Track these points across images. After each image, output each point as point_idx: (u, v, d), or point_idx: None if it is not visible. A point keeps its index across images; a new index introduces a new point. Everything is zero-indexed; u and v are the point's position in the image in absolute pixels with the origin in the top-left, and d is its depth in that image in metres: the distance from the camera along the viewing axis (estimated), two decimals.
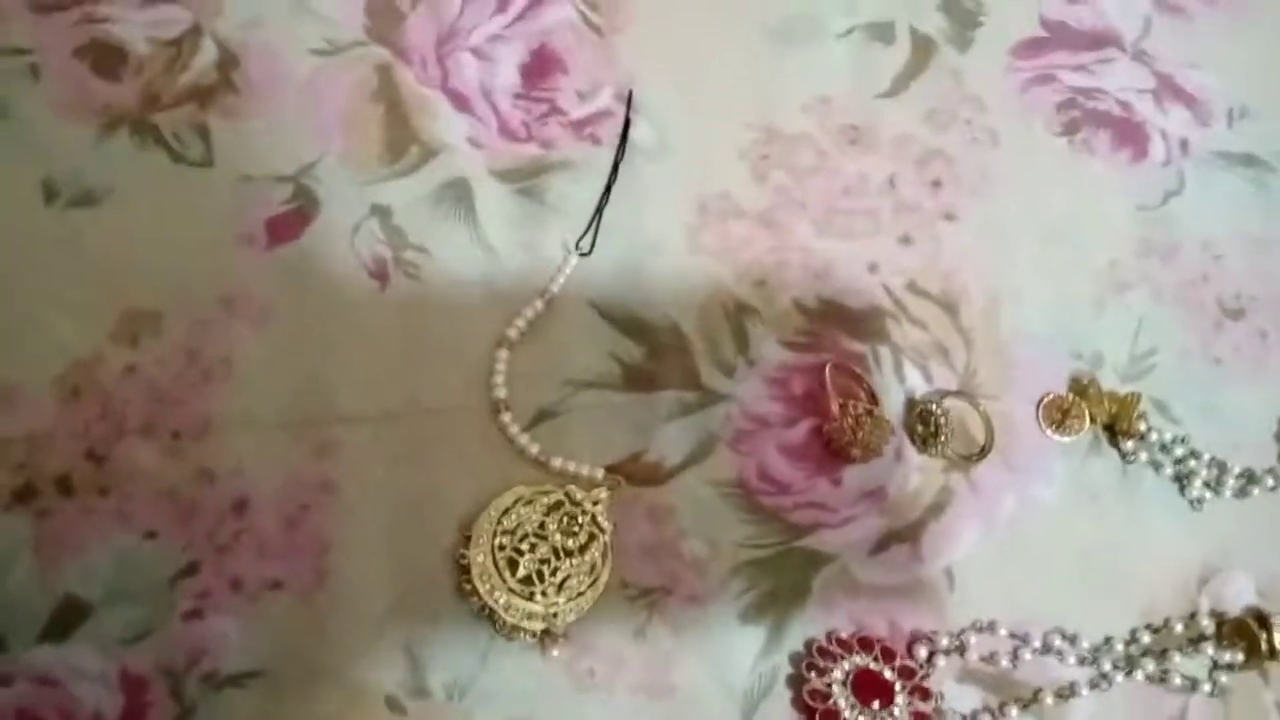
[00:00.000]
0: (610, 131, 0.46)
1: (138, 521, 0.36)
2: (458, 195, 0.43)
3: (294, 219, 0.42)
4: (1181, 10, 0.54)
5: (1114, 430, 0.43)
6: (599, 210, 0.44)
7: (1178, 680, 0.39)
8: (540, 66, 0.46)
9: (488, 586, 0.36)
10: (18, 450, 0.37)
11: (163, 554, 0.36)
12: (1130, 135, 0.50)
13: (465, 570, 0.37)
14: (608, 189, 0.44)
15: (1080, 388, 0.43)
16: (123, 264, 0.40)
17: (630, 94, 0.46)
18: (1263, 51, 0.54)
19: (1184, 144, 0.50)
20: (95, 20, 0.44)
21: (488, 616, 0.37)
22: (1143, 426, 0.43)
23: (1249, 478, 0.43)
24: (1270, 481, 0.43)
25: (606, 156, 0.45)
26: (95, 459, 0.37)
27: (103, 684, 0.34)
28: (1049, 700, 0.38)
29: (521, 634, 0.36)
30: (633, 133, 0.46)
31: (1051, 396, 0.43)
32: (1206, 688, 0.39)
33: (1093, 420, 0.43)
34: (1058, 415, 0.43)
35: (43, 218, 0.40)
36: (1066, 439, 0.43)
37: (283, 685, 0.35)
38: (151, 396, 0.38)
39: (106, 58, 0.43)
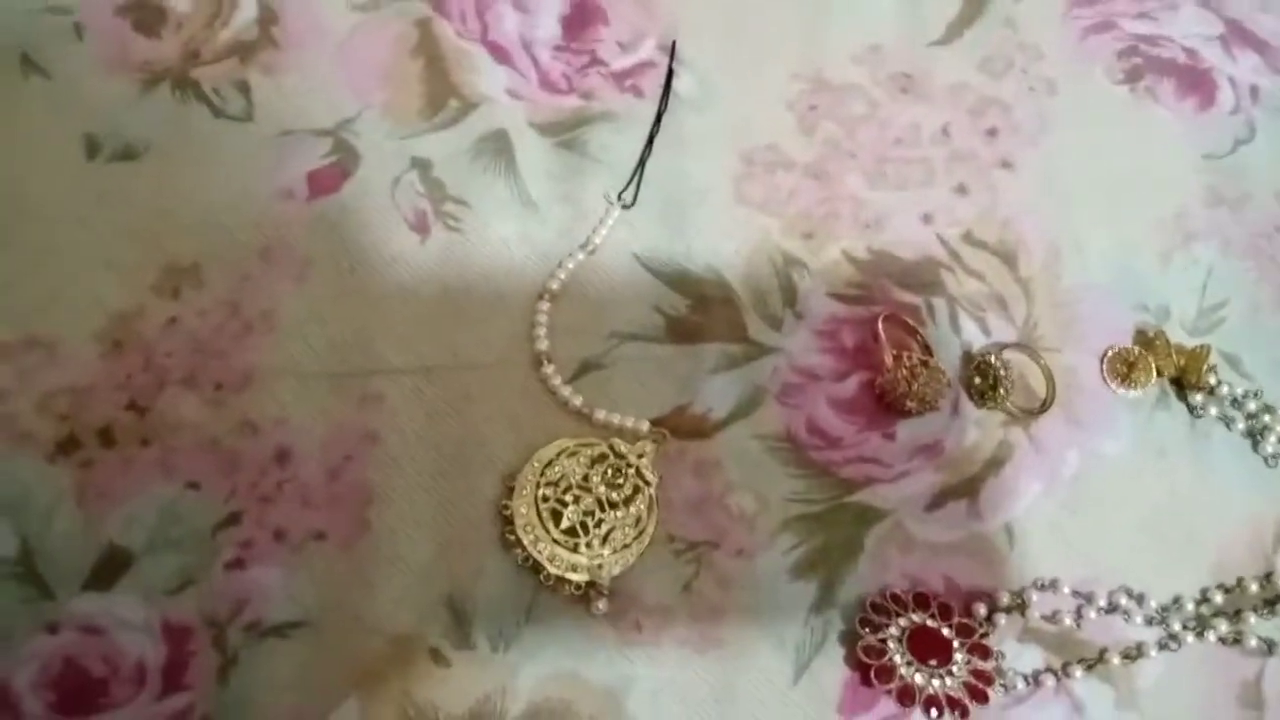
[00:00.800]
0: (653, 83, 0.45)
1: (180, 472, 0.36)
2: (498, 148, 0.43)
3: (334, 172, 0.41)
4: None
5: (1182, 384, 0.41)
6: (641, 162, 0.43)
7: (1253, 642, 0.37)
8: (581, 18, 0.46)
9: (531, 538, 0.36)
10: (60, 402, 0.37)
11: (205, 504, 0.36)
12: (1196, 83, 0.48)
13: (509, 521, 0.36)
14: (650, 140, 0.43)
15: (1146, 340, 0.42)
16: (164, 218, 0.40)
17: (674, 44, 0.45)
18: None
19: (1254, 91, 0.48)
20: None
21: (531, 568, 0.36)
22: (1212, 380, 0.41)
23: None
24: None
25: (649, 108, 0.44)
26: (137, 410, 0.37)
27: (146, 633, 0.34)
28: (1115, 660, 0.36)
29: (566, 586, 0.36)
30: (676, 84, 0.45)
31: (1116, 349, 0.41)
32: None
33: (1159, 374, 0.41)
34: (1123, 368, 0.41)
35: (84, 172, 0.40)
36: (1132, 393, 0.41)
37: (326, 635, 0.35)
38: (193, 348, 0.38)
39: (148, 15, 0.44)
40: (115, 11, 0.43)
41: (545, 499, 0.36)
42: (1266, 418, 0.41)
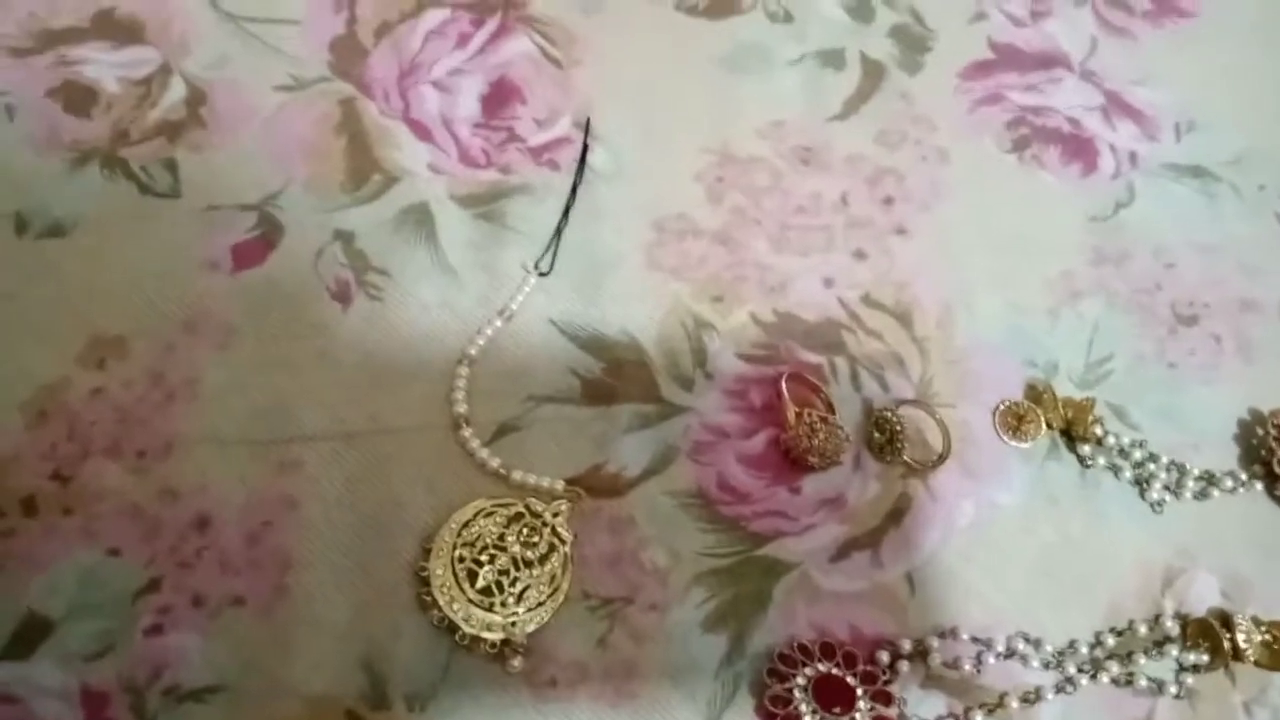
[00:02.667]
0: (568, 157, 0.47)
1: (101, 539, 0.37)
2: (419, 219, 0.44)
3: (259, 245, 0.43)
4: (1127, 31, 0.56)
5: (1071, 435, 0.43)
6: (558, 231, 0.45)
7: (1144, 682, 0.39)
8: (500, 97, 0.48)
9: (447, 598, 0.37)
10: None
11: (125, 570, 0.36)
12: (1080, 150, 0.51)
13: (425, 582, 0.37)
14: (566, 210, 0.45)
15: (1035, 394, 0.44)
16: (90, 291, 0.41)
17: (588, 121, 0.48)
18: (1207, 68, 0.55)
19: (1133, 157, 0.52)
20: (68, 63, 0.46)
21: (447, 628, 0.37)
22: (1099, 431, 0.43)
23: (1209, 479, 0.43)
24: (1229, 483, 0.43)
25: (565, 181, 0.46)
26: (61, 479, 0.38)
27: (64, 700, 0.34)
28: (1014, 704, 0.38)
29: (482, 645, 0.36)
30: (590, 158, 0.47)
31: (1007, 403, 0.44)
32: (1173, 690, 0.39)
33: (1049, 426, 0.43)
34: (1013, 421, 0.43)
35: (13, 249, 0.41)
36: (1023, 445, 0.43)
37: (244, 699, 0.35)
38: (117, 418, 0.39)
39: (78, 97, 0.45)
40: (46, 93, 0.45)
41: (461, 559, 0.37)
42: (1151, 466, 0.43)
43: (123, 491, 0.38)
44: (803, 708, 0.36)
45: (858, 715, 0.36)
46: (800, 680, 0.37)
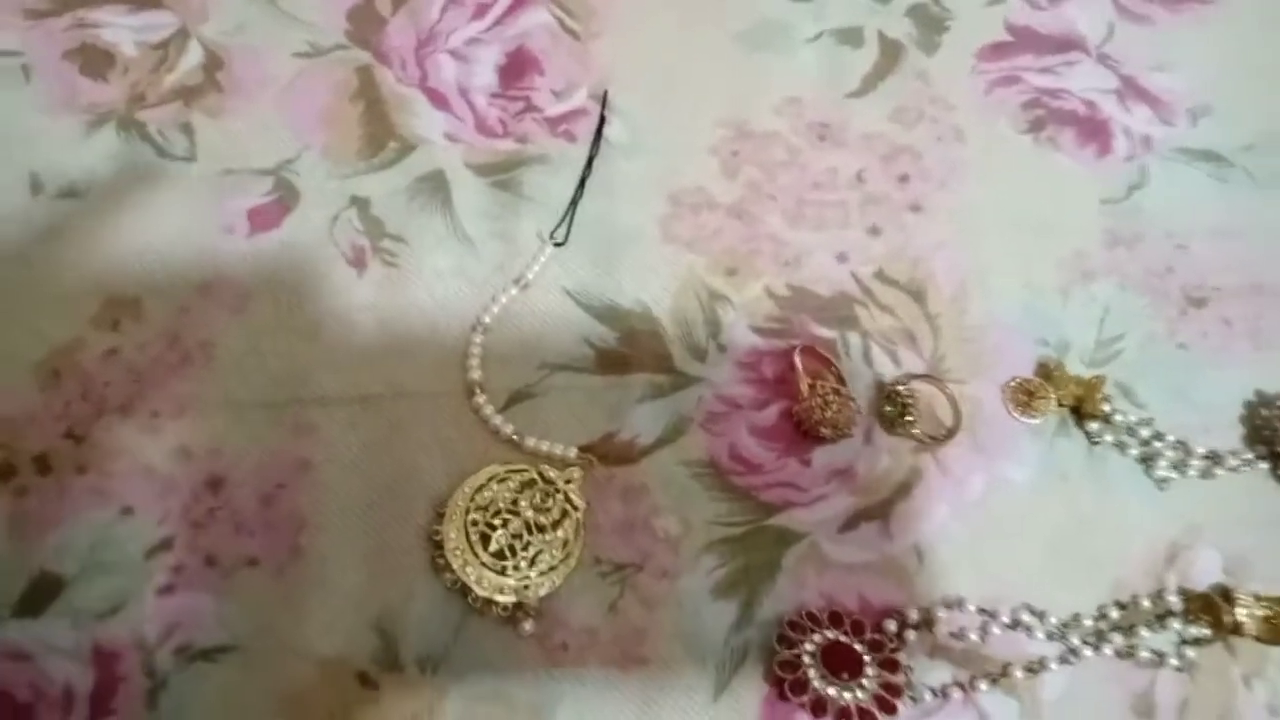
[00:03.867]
0: (585, 129, 0.47)
1: (114, 498, 0.37)
2: (435, 187, 0.45)
3: (274, 209, 0.43)
4: (1144, 16, 0.56)
5: (1080, 413, 0.44)
6: (574, 202, 0.45)
7: (1145, 655, 0.39)
8: (517, 67, 0.48)
9: (460, 561, 0.37)
10: None
11: (138, 529, 0.37)
12: (1094, 132, 0.51)
13: (438, 546, 0.37)
14: (582, 182, 0.46)
15: (1046, 371, 0.44)
16: (105, 253, 0.41)
17: (605, 93, 0.48)
18: (1223, 54, 0.55)
19: (1147, 140, 0.52)
20: (85, 25, 0.46)
21: (460, 591, 0.37)
22: (1107, 409, 0.43)
23: (1214, 459, 0.44)
24: (1234, 462, 0.44)
25: (581, 152, 0.47)
26: (74, 438, 0.38)
27: (75, 658, 0.35)
28: (1018, 674, 0.38)
29: (494, 608, 0.37)
30: (607, 130, 0.47)
31: (1018, 380, 0.44)
32: (1174, 662, 0.39)
33: (1059, 403, 0.43)
34: (1023, 397, 0.43)
35: (28, 208, 0.41)
36: (1033, 421, 0.43)
37: (255, 659, 0.36)
38: (131, 378, 0.39)
39: (95, 60, 0.45)
40: (63, 55, 0.45)
41: (475, 523, 0.38)
42: (1158, 444, 0.43)
43: (136, 451, 0.38)
44: (811, 673, 0.36)
45: (865, 682, 0.37)
46: (809, 647, 0.37)
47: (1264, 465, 0.44)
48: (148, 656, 0.35)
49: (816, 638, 0.37)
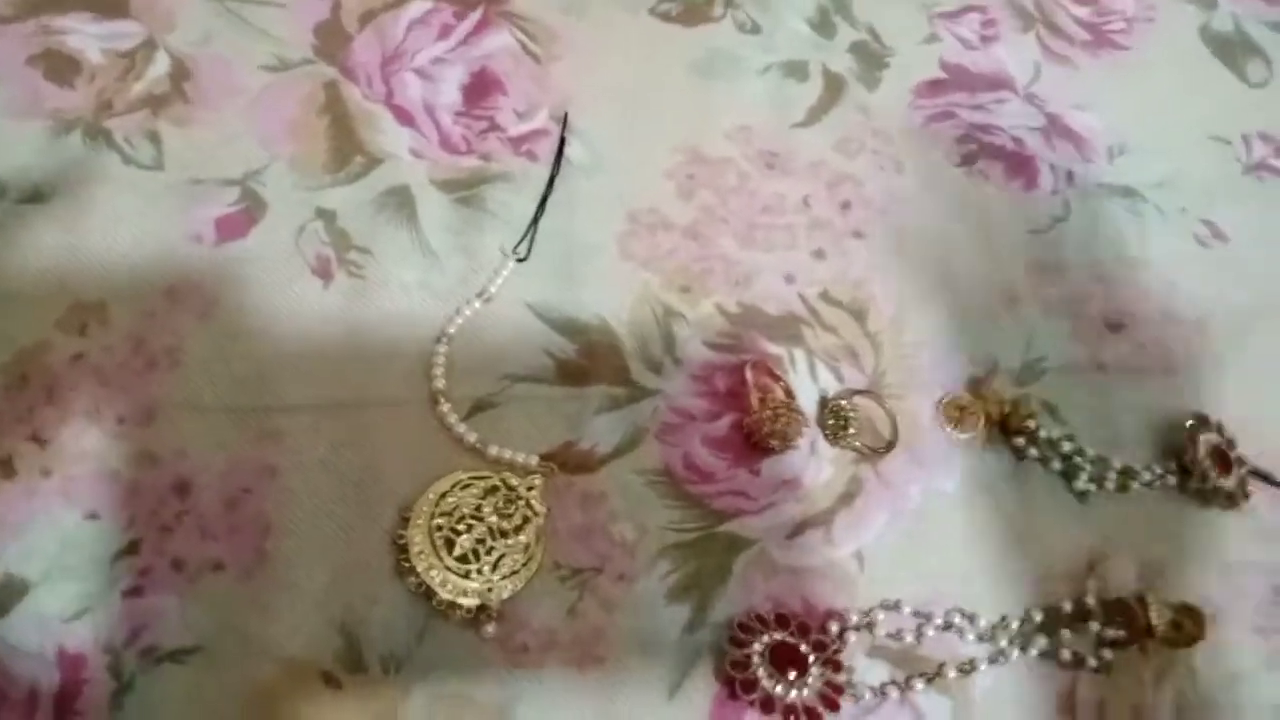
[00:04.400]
0: (546, 149, 0.49)
1: (80, 502, 0.37)
2: (400, 202, 0.46)
3: (241, 219, 0.44)
4: (1068, 60, 0.60)
5: (1006, 428, 0.47)
6: (535, 219, 0.47)
7: (1067, 655, 0.42)
8: (480, 87, 0.50)
9: (425, 564, 0.38)
10: None
11: (104, 533, 0.37)
12: (1022, 167, 0.55)
13: (403, 550, 0.38)
14: (544, 199, 0.47)
15: (976, 389, 0.47)
16: (72, 257, 0.41)
17: (565, 115, 0.50)
18: (1139, 97, 0.59)
19: (1070, 175, 0.55)
20: (50, 31, 0.46)
21: (424, 594, 0.38)
22: (1032, 425, 0.46)
23: (1129, 474, 0.47)
24: (1147, 477, 0.47)
25: (542, 171, 0.48)
26: (39, 441, 0.38)
27: (40, 661, 0.35)
28: (951, 674, 0.41)
29: (457, 611, 0.38)
30: (567, 151, 0.49)
31: (950, 396, 0.47)
32: (1093, 663, 0.42)
33: (987, 419, 0.46)
34: (955, 413, 0.46)
35: None
36: (964, 435, 0.46)
37: (221, 660, 0.36)
38: (98, 382, 0.39)
39: (60, 66, 0.45)
40: (27, 60, 0.45)
41: (439, 528, 0.39)
42: (1078, 459, 0.47)
43: (102, 455, 0.38)
44: (760, 672, 0.38)
45: (810, 680, 0.39)
46: (758, 647, 0.39)
47: (1173, 481, 0.47)
48: (114, 658, 0.35)
49: (765, 638, 0.39)
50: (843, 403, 0.45)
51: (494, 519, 0.39)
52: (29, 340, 0.39)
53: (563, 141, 0.49)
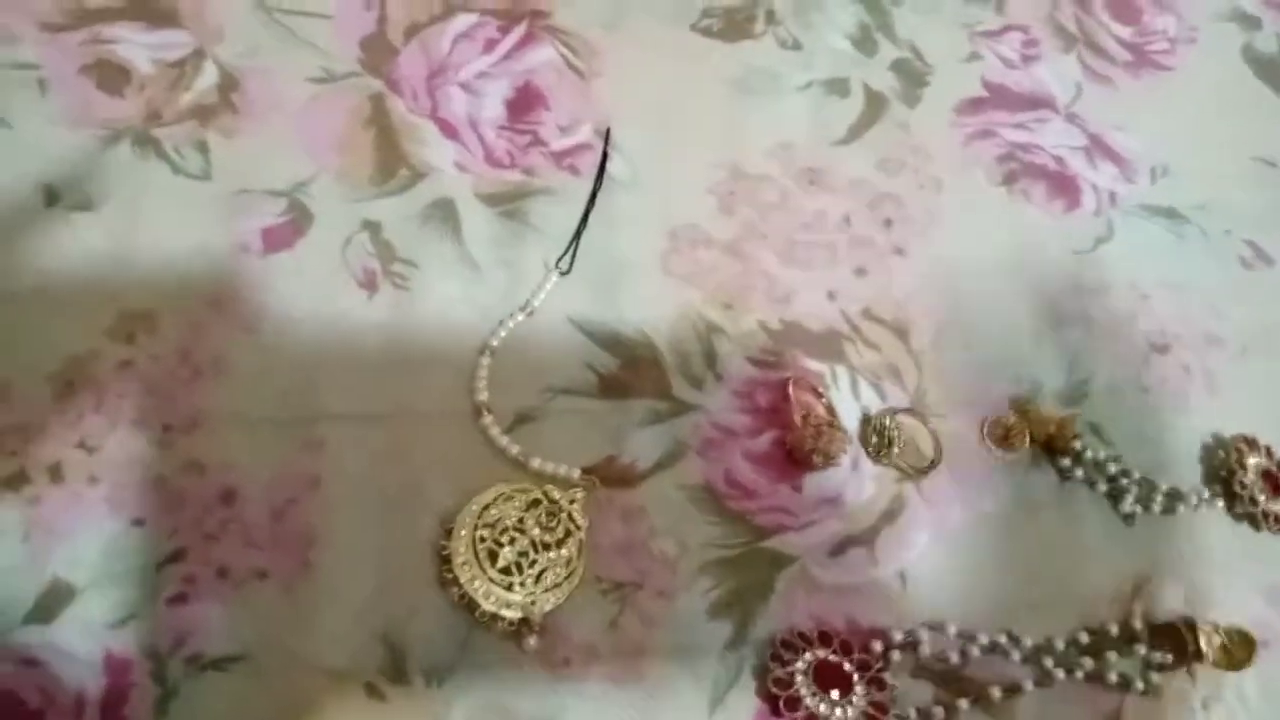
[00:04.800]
0: (588, 163, 0.49)
1: (126, 509, 0.38)
2: (444, 215, 0.46)
3: (288, 230, 0.44)
4: (1109, 80, 0.60)
5: (1052, 449, 0.46)
6: (577, 233, 0.47)
7: (1114, 678, 0.42)
8: (524, 102, 0.50)
9: (468, 576, 0.38)
10: (11, 439, 0.38)
11: (150, 540, 0.37)
12: (1064, 187, 0.55)
13: (446, 561, 0.38)
14: (586, 214, 0.47)
15: (1021, 409, 0.47)
16: (120, 266, 0.42)
17: (608, 131, 0.50)
18: (1180, 120, 0.59)
19: (1113, 196, 0.55)
20: (102, 41, 0.47)
21: (466, 605, 0.38)
22: (1078, 446, 0.46)
23: (1175, 496, 0.46)
24: (1194, 499, 0.46)
25: (585, 185, 0.48)
26: (87, 449, 0.38)
27: (87, 666, 0.35)
28: (996, 695, 0.40)
29: (500, 623, 0.38)
30: (609, 166, 0.49)
31: (995, 417, 0.46)
32: (1140, 686, 0.42)
33: (1033, 440, 0.46)
34: (1000, 433, 0.46)
35: (43, 219, 0.42)
36: (1008, 456, 0.46)
37: (265, 670, 0.36)
38: (145, 391, 0.40)
39: (111, 75, 0.46)
40: (79, 70, 0.45)
41: (482, 540, 0.39)
42: (1124, 480, 0.46)
43: (148, 463, 0.38)
44: (804, 690, 0.38)
45: (854, 699, 0.38)
46: (800, 665, 0.39)
47: (1220, 504, 0.47)
48: (158, 665, 0.35)
49: (808, 656, 0.39)
50: (886, 421, 0.44)
51: (536, 532, 0.39)
52: (78, 348, 0.40)
53: (605, 156, 0.49)
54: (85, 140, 0.44)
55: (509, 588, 0.38)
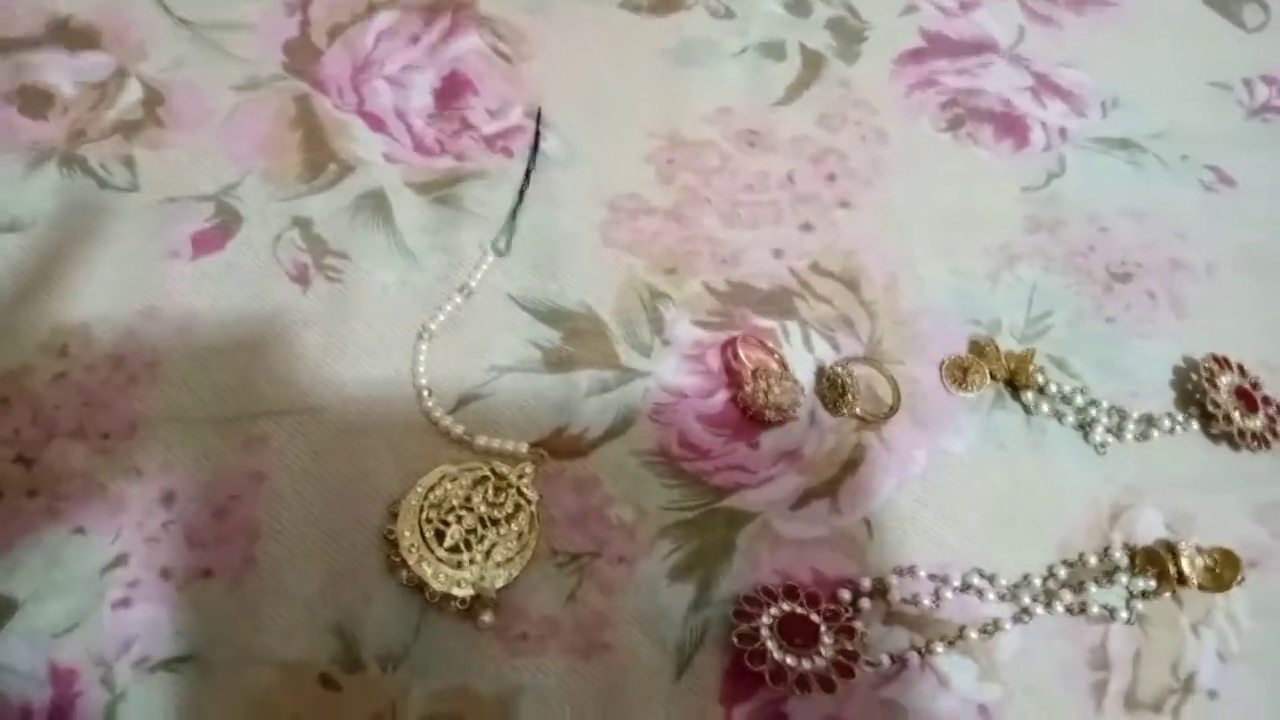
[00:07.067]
0: (521, 145, 0.49)
1: (67, 519, 0.37)
2: (375, 205, 0.46)
3: (217, 233, 0.44)
4: (1052, 20, 0.59)
5: (1015, 385, 0.45)
6: (513, 212, 0.46)
7: (1096, 610, 0.40)
8: (452, 89, 0.50)
9: (415, 557, 0.37)
10: None
11: (92, 548, 0.37)
12: (1012, 127, 0.54)
13: (393, 545, 0.38)
14: (521, 193, 0.47)
15: (979, 348, 0.46)
16: (51, 282, 0.41)
17: (539, 110, 0.50)
18: (1130, 51, 0.58)
19: (1063, 132, 0.54)
20: (24, 68, 0.47)
21: (417, 587, 0.37)
22: (1041, 380, 0.45)
23: (1149, 421, 0.45)
24: (1168, 424, 0.45)
25: (519, 167, 0.48)
26: (25, 462, 0.38)
27: (31, 678, 0.34)
28: (973, 635, 0.39)
29: (452, 602, 0.37)
30: (543, 145, 0.49)
31: (952, 357, 0.45)
32: (1124, 615, 0.40)
33: (993, 377, 0.45)
34: (959, 373, 0.45)
35: None
36: (969, 394, 0.45)
37: (215, 668, 0.35)
38: (81, 401, 0.39)
39: (34, 100, 0.46)
40: (2, 97, 0.46)
41: (429, 521, 0.38)
42: (1093, 411, 0.45)
43: (88, 472, 0.38)
44: (769, 644, 0.37)
45: (822, 650, 0.37)
46: (765, 620, 0.38)
47: (1195, 425, 0.46)
48: (106, 670, 0.35)
49: (773, 610, 0.38)
50: (839, 370, 0.43)
51: (484, 508, 0.39)
52: (11, 364, 0.39)
53: (537, 135, 0.49)
54: (11, 165, 0.44)
55: (458, 565, 0.37)
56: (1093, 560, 0.41)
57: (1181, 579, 0.40)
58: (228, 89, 0.48)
